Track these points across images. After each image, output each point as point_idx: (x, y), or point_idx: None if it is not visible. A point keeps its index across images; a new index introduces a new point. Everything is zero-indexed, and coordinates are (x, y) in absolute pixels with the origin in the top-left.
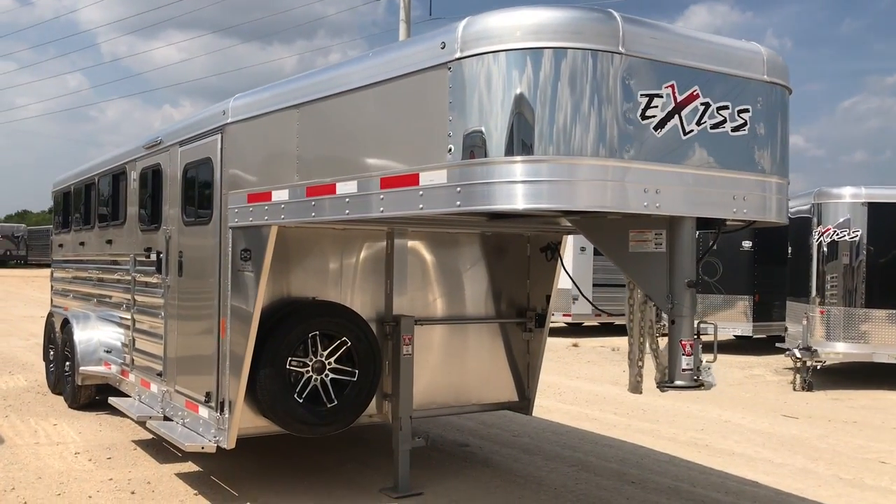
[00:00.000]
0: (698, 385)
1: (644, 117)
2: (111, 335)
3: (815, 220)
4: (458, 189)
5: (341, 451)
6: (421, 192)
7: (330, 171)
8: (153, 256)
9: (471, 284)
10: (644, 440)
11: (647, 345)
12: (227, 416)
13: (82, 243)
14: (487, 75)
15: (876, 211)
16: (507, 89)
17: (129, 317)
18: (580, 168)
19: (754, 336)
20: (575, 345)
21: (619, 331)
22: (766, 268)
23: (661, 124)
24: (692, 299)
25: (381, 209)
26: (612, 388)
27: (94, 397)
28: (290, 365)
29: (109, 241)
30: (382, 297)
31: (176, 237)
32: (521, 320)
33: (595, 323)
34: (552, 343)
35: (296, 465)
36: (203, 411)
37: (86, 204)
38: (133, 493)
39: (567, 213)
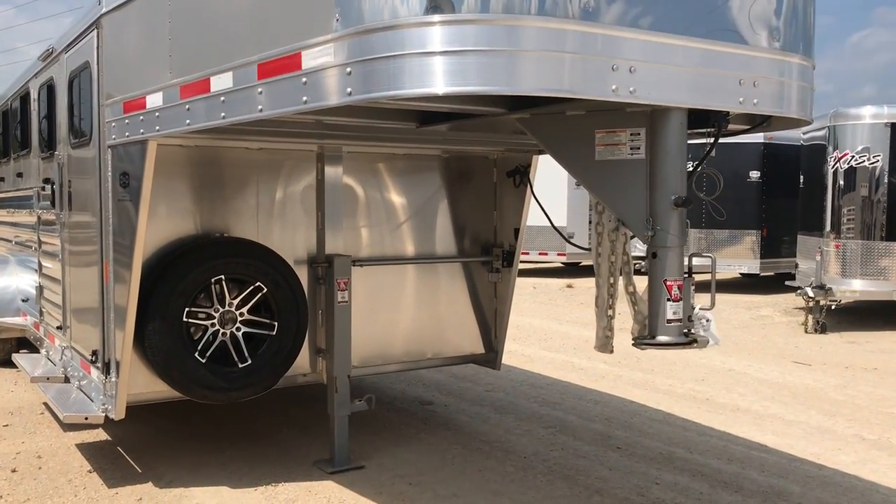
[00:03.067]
0: (689, 342)
1: None
2: (29, 282)
3: (830, 145)
4: (349, 70)
5: (281, 413)
6: (304, 80)
7: (205, 63)
8: (48, 189)
9: (425, 217)
10: (635, 394)
11: (623, 287)
12: (113, 379)
13: (2, 179)
14: None
15: None
16: None
17: (37, 261)
18: (524, 33)
19: (762, 274)
20: (569, 286)
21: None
22: (774, 200)
23: None
24: (681, 224)
25: (260, 108)
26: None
27: (18, 352)
28: (188, 317)
29: (20, 175)
30: (313, 234)
31: (66, 164)
32: (487, 259)
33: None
34: (544, 284)
35: (224, 432)
36: (94, 373)
37: (3, 134)
38: (14, 470)
39: (513, 111)
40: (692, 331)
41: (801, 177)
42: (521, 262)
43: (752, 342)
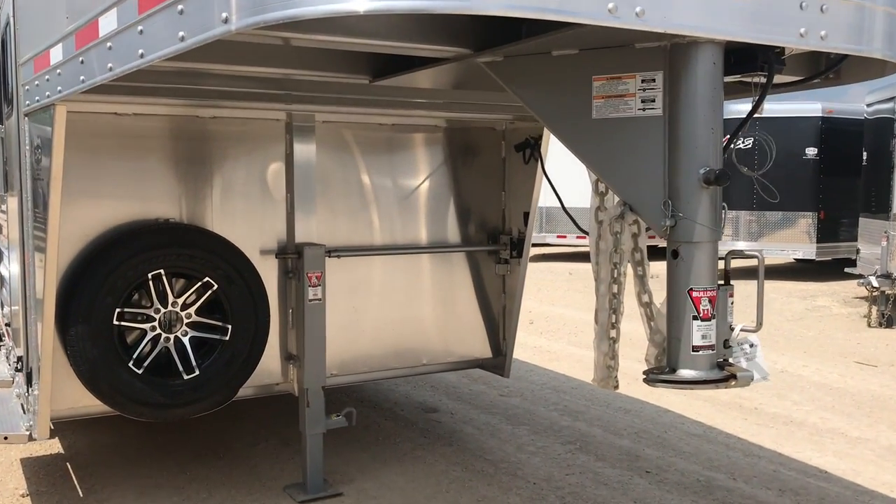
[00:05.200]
0: (725, 378)
1: None
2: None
3: None
4: None
5: (263, 422)
6: (180, 8)
7: (97, 3)
8: None
9: (420, 199)
10: (672, 401)
11: (636, 297)
12: (35, 391)
13: None
14: None
15: None
16: None
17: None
18: None
19: (818, 259)
20: None
21: (661, 254)
22: (833, 179)
23: None
24: (714, 210)
25: (141, 52)
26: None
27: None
28: (120, 319)
29: None
30: (281, 220)
31: (6, 137)
32: (494, 248)
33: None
34: (578, 269)
35: (195, 443)
36: (24, 382)
37: None
38: None
39: (480, 51)
40: (730, 361)
41: (865, 153)
42: (557, 245)
43: (808, 338)
